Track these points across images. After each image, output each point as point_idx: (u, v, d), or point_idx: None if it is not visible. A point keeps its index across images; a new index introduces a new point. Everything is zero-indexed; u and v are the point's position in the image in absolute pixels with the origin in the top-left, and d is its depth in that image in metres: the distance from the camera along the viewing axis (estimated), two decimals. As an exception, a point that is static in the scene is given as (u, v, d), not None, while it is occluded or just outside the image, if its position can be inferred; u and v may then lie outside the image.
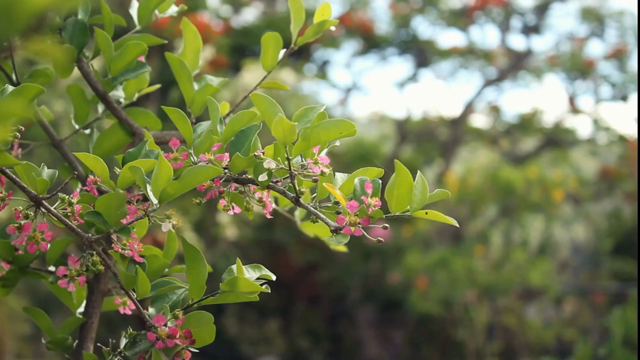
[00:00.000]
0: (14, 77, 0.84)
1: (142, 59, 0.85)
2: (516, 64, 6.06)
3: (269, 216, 0.74)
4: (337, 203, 0.71)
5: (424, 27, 6.17)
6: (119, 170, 0.72)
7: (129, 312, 0.85)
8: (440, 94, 10.87)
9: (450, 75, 6.46)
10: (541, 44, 9.39)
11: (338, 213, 0.69)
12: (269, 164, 0.69)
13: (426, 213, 0.68)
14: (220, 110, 0.74)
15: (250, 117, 0.73)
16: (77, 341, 0.82)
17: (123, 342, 0.73)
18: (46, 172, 0.72)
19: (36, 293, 3.82)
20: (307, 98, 5.71)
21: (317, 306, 5.30)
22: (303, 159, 0.70)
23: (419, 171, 0.68)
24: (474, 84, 8.39)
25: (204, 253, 0.72)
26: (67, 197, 0.72)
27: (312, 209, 0.70)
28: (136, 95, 0.90)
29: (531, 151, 6.37)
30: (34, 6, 0.40)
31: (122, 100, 0.89)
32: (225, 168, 0.72)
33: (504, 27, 6.12)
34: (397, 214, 0.68)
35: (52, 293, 0.86)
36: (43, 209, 0.71)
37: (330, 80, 6.47)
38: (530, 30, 6.13)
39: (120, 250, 0.71)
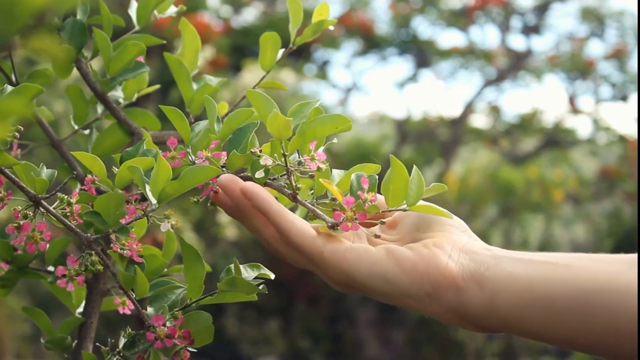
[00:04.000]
0: (13, 78, 0.84)
1: (141, 59, 0.85)
2: (516, 64, 6.06)
3: None
4: (334, 199, 0.71)
5: (424, 27, 6.18)
6: (117, 169, 0.72)
7: (128, 312, 0.85)
8: (440, 94, 10.87)
9: (450, 75, 6.47)
10: (541, 44, 9.40)
11: (335, 210, 0.69)
12: (266, 160, 0.69)
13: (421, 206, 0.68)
14: (217, 109, 0.74)
15: (247, 115, 0.73)
16: (76, 341, 0.82)
17: (122, 342, 0.73)
18: (45, 172, 0.72)
19: (35, 293, 3.82)
20: (307, 98, 5.70)
21: (317, 306, 5.31)
22: (300, 156, 0.70)
23: (414, 166, 0.68)
24: (474, 84, 8.39)
25: (204, 253, 0.72)
26: (66, 197, 0.72)
27: (309, 205, 0.70)
28: (135, 96, 0.90)
29: (531, 151, 6.38)
30: (33, 5, 0.40)
31: (121, 100, 0.89)
32: (223, 166, 0.72)
33: (504, 27, 6.12)
34: (393, 208, 0.68)
35: (51, 293, 0.86)
36: (42, 209, 0.71)
37: (330, 80, 6.48)
38: (530, 30, 6.14)
39: (119, 250, 0.71)
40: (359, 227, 0.66)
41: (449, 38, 15.72)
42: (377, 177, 0.69)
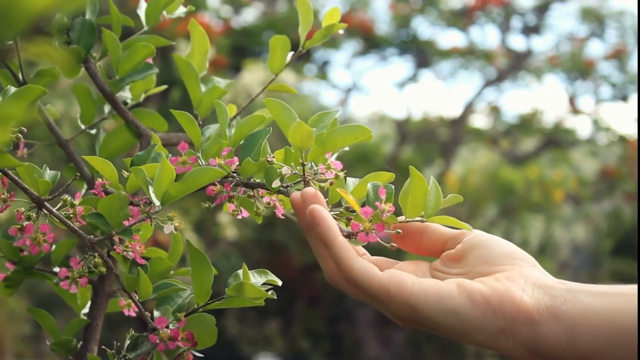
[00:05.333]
0: (20, 76, 0.83)
1: (150, 60, 0.85)
2: (516, 64, 6.06)
3: (281, 216, 0.74)
4: (348, 208, 0.70)
5: (424, 27, 6.18)
6: (127, 173, 0.72)
7: (134, 314, 0.85)
8: (440, 94, 10.87)
9: (450, 75, 6.47)
10: (541, 44, 9.40)
11: (349, 219, 0.69)
12: (286, 170, 0.69)
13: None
14: (228, 114, 0.74)
15: (259, 120, 0.72)
16: (81, 343, 0.82)
17: (126, 344, 0.73)
18: (48, 174, 0.72)
19: (36, 294, 3.82)
20: (308, 98, 5.71)
21: (317, 306, 5.31)
22: (315, 164, 0.70)
23: (432, 177, 0.67)
24: (474, 84, 8.40)
25: (204, 253, 0.72)
26: (69, 198, 0.72)
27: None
28: (142, 96, 0.90)
29: (531, 151, 6.38)
30: (33, 7, 0.40)
31: (128, 101, 0.89)
32: (234, 172, 0.72)
33: (504, 28, 6.12)
34: (411, 219, 0.67)
35: (52, 294, 0.86)
36: (45, 211, 0.71)
37: (330, 80, 6.48)
38: (530, 30, 6.14)
39: (122, 252, 0.71)
40: (376, 238, 0.66)
41: (449, 38, 15.73)
42: (393, 187, 0.68)
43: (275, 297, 0.71)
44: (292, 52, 0.86)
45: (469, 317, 0.61)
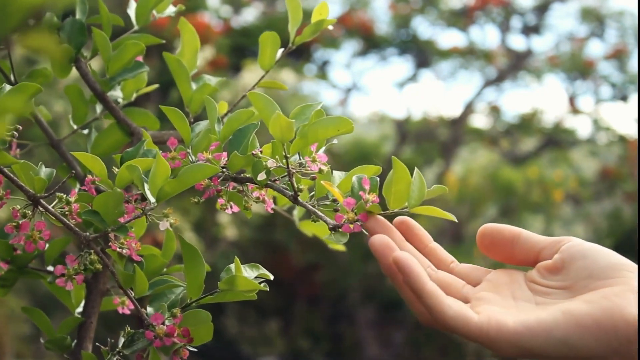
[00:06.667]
0: (12, 77, 0.84)
1: (141, 58, 0.85)
2: (516, 64, 6.07)
3: (270, 211, 0.74)
4: (335, 201, 0.71)
5: (424, 27, 6.18)
6: (117, 169, 0.72)
7: (128, 312, 0.85)
8: (440, 94, 10.88)
9: (450, 75, 6.47)
10: (541, 44, 9.40)
11: (336, 211, 0.69)
12: (271, 163, 0.69)
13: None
14: (218, 110, 0.74)
15: (248, 115, 0.73)
16: (75, 341, 0.82)
17: (122, 341, 0.73)
18: (44, 171, 0.72)
19: (35, 293, 3.82)
20: (307, 98, 5.71)
21: (317, 306, 5.31)
22: (301, 157, 0.70)
23: (416, 168, 0.68)
24: (474, 84, 8.39)
25: (204, 253, 0.72)
26: (64, 196, 0.72)
27: (310, 207, 0.70)
28: (134, 95, 0.91)
29: (531, 151, 6.38)
30: (28, 3, 0.40)
31: (120, 100, 0.90)
32: (223, 167, 0.72)
33: (504, 27, 6.13)
34: (395, 210, 0.68)
35: (50, 293, 0.86)
36: (41, 208, 0.71)
37: (330, 80, 6.49)
38: (530, 30, 6.14)
39: (117, 249, 0.71)
40: (360, 228, 0.66)
41: (449, 38, 15.72)
42: (378, 178, 0.69)
43: (268, 290, 0.71)
44: (282, 49, 0.86)
45: (581, 344, 0.58)
